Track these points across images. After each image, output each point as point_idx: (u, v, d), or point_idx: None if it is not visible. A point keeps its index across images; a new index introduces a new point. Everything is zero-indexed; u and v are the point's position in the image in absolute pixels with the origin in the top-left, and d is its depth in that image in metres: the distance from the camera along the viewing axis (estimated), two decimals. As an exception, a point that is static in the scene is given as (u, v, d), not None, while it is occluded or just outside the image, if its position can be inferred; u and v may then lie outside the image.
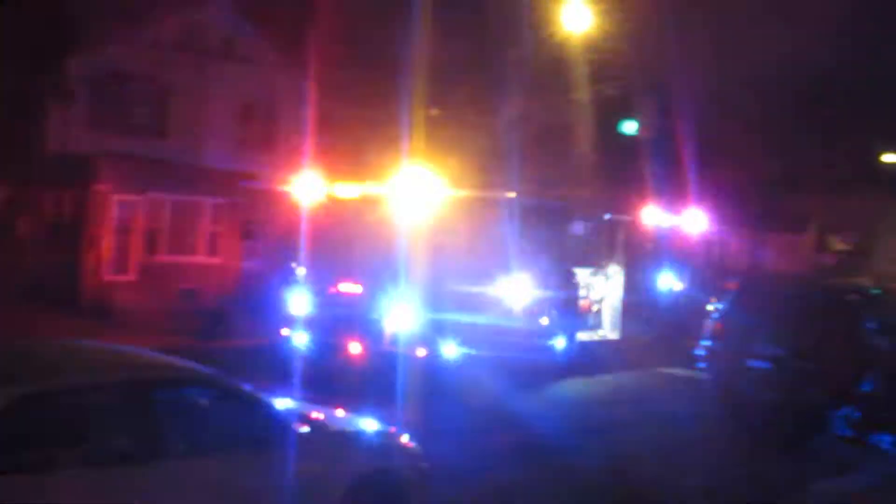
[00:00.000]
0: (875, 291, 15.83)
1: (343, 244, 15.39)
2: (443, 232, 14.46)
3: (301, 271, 14.78)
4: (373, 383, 12.18)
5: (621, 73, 23.73)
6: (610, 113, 27.26)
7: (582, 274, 17.22)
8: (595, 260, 17.68)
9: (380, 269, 14.20)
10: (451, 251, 14.47)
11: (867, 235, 64.09)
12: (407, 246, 14.04)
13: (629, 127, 27.98)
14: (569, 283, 16.66)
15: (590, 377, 15.95)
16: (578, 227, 17.69)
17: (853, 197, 61.29)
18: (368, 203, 15.58)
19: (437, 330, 13.94)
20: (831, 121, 39.09)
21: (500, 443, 10.72)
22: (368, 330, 14.00)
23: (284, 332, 14.85)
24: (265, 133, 28.51)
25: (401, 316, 13.71)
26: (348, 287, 14.68)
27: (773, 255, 58.32)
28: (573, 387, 15.38)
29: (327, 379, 12.89)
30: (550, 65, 24.17)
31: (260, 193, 26.70)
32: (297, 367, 13.63)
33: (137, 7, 24.47)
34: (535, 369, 15.10)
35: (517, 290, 15.01)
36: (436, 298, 13.99)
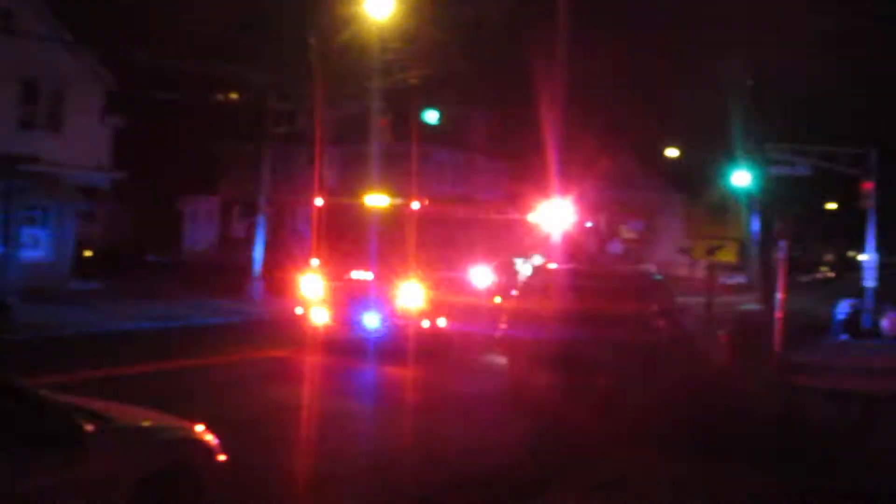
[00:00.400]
0: (658, 277, 16.91)
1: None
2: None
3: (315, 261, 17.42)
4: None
5: (422, 63, 23.98)
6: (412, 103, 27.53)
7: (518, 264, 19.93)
8: (524, 252, 20.38)
9: None
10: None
11: (650, 225, 68.35)
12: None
13: (431, 116, 28.36)
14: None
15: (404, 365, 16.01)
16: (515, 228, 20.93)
17: (639, 188, 65.23)
18: None
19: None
20: (619, 115, 41.38)
21: (276, 433, 10.65)
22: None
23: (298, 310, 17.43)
24: (51, 114, 26.77)
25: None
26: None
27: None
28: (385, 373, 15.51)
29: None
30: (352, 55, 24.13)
31: (45, 178, 25.12)
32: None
33: None
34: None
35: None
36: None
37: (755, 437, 11.05)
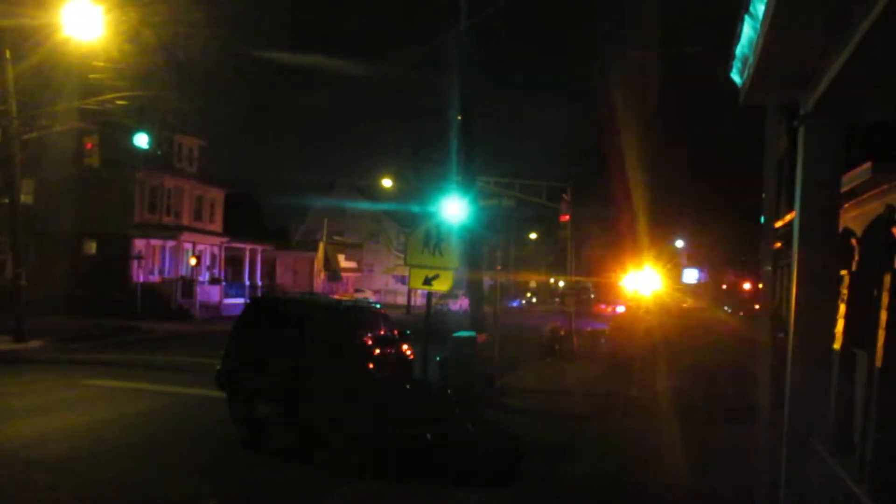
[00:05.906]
0: (376, 306, 17.09)
1: None
2: None
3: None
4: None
5: (131, 85, 22.72)
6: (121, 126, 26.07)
7: None
8: None
9: None
10: None
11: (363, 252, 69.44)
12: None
13: (141, 140, 26.99)
14: None
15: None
16: None
17: (354, 217, 66.34)
18: None
19: None
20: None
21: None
22: None
23: None
24: None
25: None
26: None
27: (287, 272, 61.03)
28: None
29: None
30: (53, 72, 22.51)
31: None
32: None
33: None
34: None
35: None
36: None
37: (468, 460, 11.36)
